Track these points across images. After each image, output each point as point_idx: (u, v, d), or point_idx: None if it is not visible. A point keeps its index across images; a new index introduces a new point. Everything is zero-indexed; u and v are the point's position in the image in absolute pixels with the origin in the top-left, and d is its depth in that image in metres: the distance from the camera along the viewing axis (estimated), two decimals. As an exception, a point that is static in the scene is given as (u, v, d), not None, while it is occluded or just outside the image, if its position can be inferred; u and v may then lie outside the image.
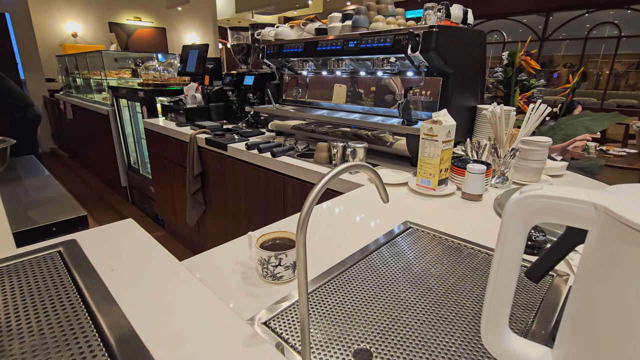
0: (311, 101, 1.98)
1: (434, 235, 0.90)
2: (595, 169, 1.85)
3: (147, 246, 0.73)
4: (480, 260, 0.78)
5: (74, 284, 0.59)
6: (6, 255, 0.67)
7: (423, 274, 0.73)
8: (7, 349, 0.45)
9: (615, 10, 6.83)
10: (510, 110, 1.33)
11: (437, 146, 1.12)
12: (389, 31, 1.42)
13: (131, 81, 3.96)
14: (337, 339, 0.55)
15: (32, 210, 1.31)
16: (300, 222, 0.38)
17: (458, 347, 0.54)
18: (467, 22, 1.59)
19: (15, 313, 0.52)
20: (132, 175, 3.65)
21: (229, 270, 0.74)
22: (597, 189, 0.33)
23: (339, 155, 1.48)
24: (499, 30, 7.88)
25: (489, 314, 0.39)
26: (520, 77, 1.99)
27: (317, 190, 0.39)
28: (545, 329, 0.57)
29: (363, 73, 1.72)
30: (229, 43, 2.58)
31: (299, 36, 1.92)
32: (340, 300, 0.65)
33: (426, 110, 1.51)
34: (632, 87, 7.61)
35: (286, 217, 1.03)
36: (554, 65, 8.37)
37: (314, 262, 0.76)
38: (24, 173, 1.75)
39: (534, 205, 0.34)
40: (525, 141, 1.26)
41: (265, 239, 0.73)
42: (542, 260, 0.38)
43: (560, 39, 7.64)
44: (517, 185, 1.29)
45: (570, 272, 0.73)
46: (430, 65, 1.39)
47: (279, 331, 0.57)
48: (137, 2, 7.03)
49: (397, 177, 1.32)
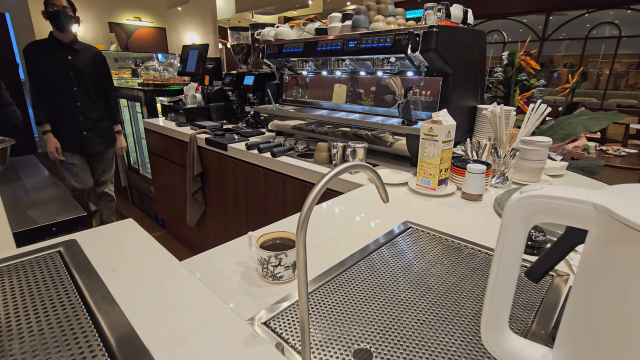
0: (311, 101, 1.98)
1: (434, 235, 0.90)
2: (595, 168, 1.85)
3: (147, 246, 0.73)
4: (480, 260, 0.78)
5: (74, 284, 0.59)
6: (6, 255, 0.67)
7: (423, 274, 0.73)
8: (7, 349, 0.45)
9: (615, 10, 6.83)
10: (510, 110, 1.33)
11: (437, 146, 1.12)
12: (389, 31, 1.42)
13: (131, 81, 3.97)
14: (337, 339, 0.55)
15: (32, 210, 1.31)
16: (300, 222, 0.38)
17: (458, 347, 0.54)
18: (467, 22, 1.59)
19: (15, 313, 0.52)
20: (132, 175, 3.65)
21: (229, 270, 0.74)
22: (597, 189, 0.33)
23: (339, 155, 1.48)
24: (499, 30, 7.88)
25: (489, 314, 0.39)
26: (520, 77, 1.99)
27: (317, 190, 0.39)
28: (545, 329, 0.57)
29: (363, 73, 1.72)
30: (229, 43, 2.58)
31: (299, 36, 1.92)
32: (340, 300, 0.65)
33: (426, 110, 1.51)
34: (632, 87, 7.61)
35: (286, 217, 1.03)
36: (554, 65, 8.37)
37: (314, 262, 0.76)
38: (24, 173, 1.75)
39: (534, 205, 0.34)
40: (525, 141, 1.26)
41: (265, 239, 0.73)
42: (542, 260, 0.38)
43: (560, 39, 7.64)
44: (517, 185, 1.29)
45: (570, 272, 0.73)
46: (430, 65, 1.39)
47: (279, 331, 0.57)
48: (137, 2, 7.03)
49: (397, 177, 1.32)
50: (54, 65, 2.27)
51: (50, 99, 2.31)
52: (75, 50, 2.33)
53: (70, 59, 2.31)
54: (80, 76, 2.34)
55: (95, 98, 2.45)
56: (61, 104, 2.34)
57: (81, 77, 2.34)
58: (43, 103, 2.31)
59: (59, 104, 2.34)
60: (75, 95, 2.35)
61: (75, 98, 2.36)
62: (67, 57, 2.30)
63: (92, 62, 2.40)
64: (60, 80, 2.30)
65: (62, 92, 2.32)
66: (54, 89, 2.30)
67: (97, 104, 2.47)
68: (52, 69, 2.27)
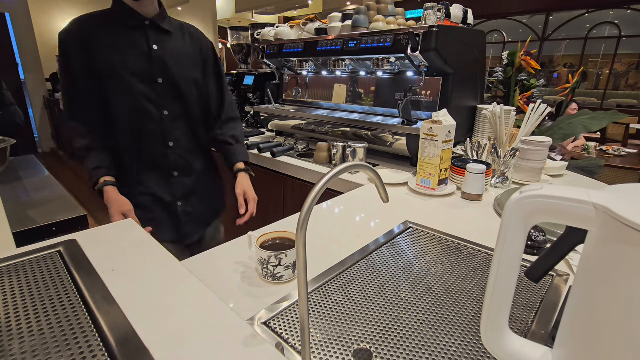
0: (311, 101, 1.98)
1: (434, 235, 0.90)
2: (595, 168, 1.85)
3: (147, 246, 0.73)
4: (480, 260, 0.78)
5: (74, 284, 0.59)
6: (6, 255, 0.67)
7: (423, 274, 0.73)
8: (7, 349, 0.45)
9: (615, 10, 6.83)
10: (510, 110, 1.33)
11: (437, 146, 1.12)
12: (389, 31, 1.42)
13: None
14: (337, 339, 0.55)
15: (32, 210, 1.30)
16: (300, 222, 0.38)
17: (458, 347, 0.54)
18: (467, 22, 1.59)
19: (15, 313, 0.52)
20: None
21: (229, 270, 0.74)
22: (597, 189, 0.33)
23: (339, 155, 1.48)
24: (499, 30, 7.88)
25: (489, 314, 0.39)
26: (520, 77, 1.99)
27: (317, 190, 0.39)
28: (545, 329, 0.57)
29: (363, 73, 1.72)
30: (229, 43, 2.58)
31: (299, 36, 1.92)
32: (340, 300, 0.65)
33: (426, 110, 1.51)
34: (632, 87, 7.61)
35: (286, 217, 1.03)
36: (554, 65, 8.37)
37: (314, 262, 0.76)
38: (24, 173, 1.75)
39: (534, 205, 0.34)
40: (525, 141, 1.26)
41: (265, 239, 0.73)
42: (542, 260, 0.38)
43: (560, 39, 7.64)
44: (517, 185, 1.29)
45: (570, 272, 0.73)
46: (430, 65, 1.38)
47: (279, 331, 0.57)
48: (137, 2, 7.02)
49: (397, 177, 1.32)
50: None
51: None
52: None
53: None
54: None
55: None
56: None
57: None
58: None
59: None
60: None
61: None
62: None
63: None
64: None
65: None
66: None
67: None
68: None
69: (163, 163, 1.15)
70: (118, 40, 1.05)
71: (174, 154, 1.15)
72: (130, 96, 1.07)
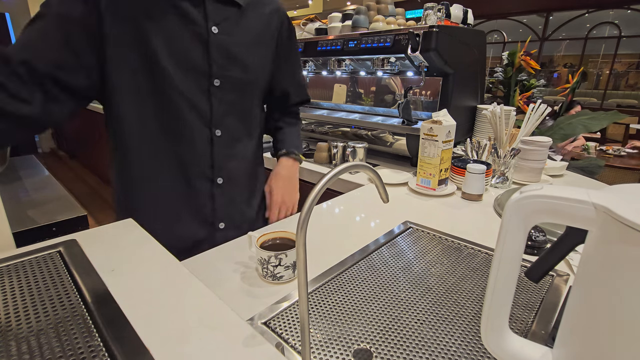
0: (311, 101, 1.98)
1: (434, 235, 0.90)
2: (595, 168, 1.85)
3: (147, 246, 0.73)
4: (480, 260, 0.78)
5: (74, 284, 0.59)
6: (6, 255, 0.67)
7: (423, 274, 0.73)
8: (7, 349, 0.45)
9: (615, 10, 6.83)
10: (510, 110, 1.33)
11: (437, 146, 1.12)
12: (389, 31, 1.42)
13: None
14: (337, 339, 0.55)
15: (32, 210, 1.30)
16: (300, 222, 0.38)
17: (458, 347, 0.54)
18: (467, 22, 1.59)
19: (15, 313, 0.52)
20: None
21: (229, 270, 0.74)
22: (597, 189, 0.33)
23: (339, 155, 1.48)
24: (499, 30, 7.88)
25: (489, 314, 0.39)
26: (520, 77, 1.99)
27: (317, 190, 0.39)
28: (545, 329, 0.57)
29: (363, 73, 1.72)
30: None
31: (299, 36, 1.92)
32: (340, 300, 0.65)
33: (426, 110, 1.51)
34: (632, 87, 7.61)
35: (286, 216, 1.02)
36: (554, 65, 8.37)
37: (314, 262, 0.76)
38: (24, 173, 1.75)
39: (534, 205, 0.34)
40: (525, 141, 1.26)
41: (265, 239, 0.73)
42: (542, 260, 0.38)
43: (560, 39, 7.64)
44: (517, 185, 1.29)
45: (570, 272, 0.73)
46: (430, 65, 1.38)
47: (279, 331, 0.57)
48: (137, 2, 7.02)
49: (397, 177, 1.32)
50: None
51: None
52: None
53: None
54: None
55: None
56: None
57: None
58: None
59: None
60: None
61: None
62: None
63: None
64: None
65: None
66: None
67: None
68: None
69: (204, 212, 0.78)
70: (164, 14, 0.68)
71: (221, 198, 0.77)
72: (169, 106, 0.70)
